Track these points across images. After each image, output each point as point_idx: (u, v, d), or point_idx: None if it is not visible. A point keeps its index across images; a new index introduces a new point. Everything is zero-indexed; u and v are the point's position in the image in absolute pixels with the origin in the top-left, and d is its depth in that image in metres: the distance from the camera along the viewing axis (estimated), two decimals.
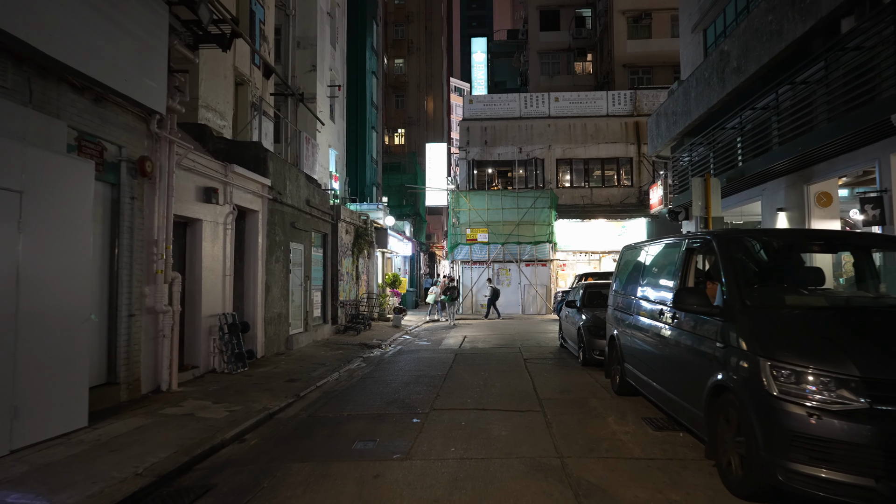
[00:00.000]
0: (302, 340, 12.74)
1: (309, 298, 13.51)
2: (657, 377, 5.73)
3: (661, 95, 26.11)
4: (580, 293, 11.40)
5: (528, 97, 26.81)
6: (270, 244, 11.26)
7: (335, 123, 25.86)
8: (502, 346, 13.20)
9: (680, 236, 5.91)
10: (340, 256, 16.48)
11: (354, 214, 18.05)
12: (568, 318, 11.53)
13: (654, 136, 15.77)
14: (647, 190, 25.02)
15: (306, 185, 13.58)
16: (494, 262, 24.84)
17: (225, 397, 7.37)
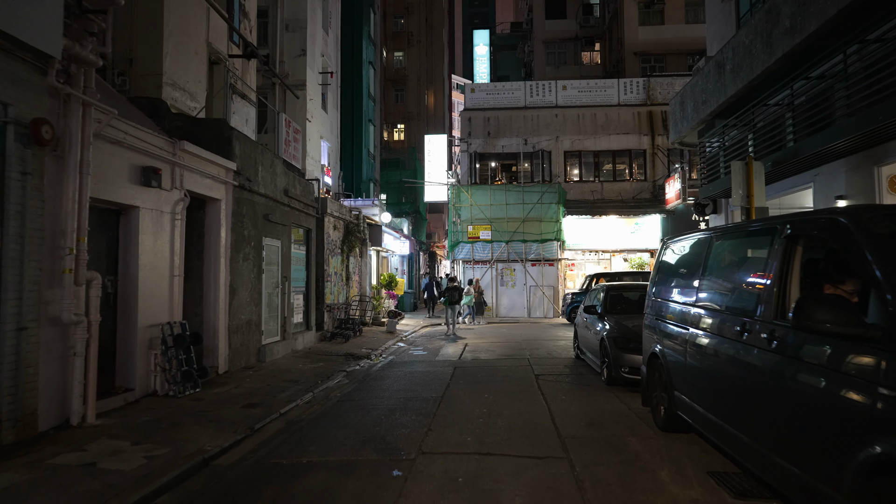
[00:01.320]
0: (278, 351, 11.06)
1: (288, 302, 11.83)
2: (736, 419, 4.04)
3: (677, 83, 24.39)
4: (601, 296, 9.70)
5: (533, 85, 25.10)
6: (237, 239, 9.59)
7: (328, 114, 24.21)
8: (508, 357, 11.50)
9: (775, 219, 4.20)
10: (327, 255, 14.81)
11: (344, 209, 16.38)
12: (587, 327, 9.82)
13: (678, 119, 14.09)
14: (662, 184, 23.33)
15: (285, 173, 11.91)
16: (498, 262, 23.15)
17: (153, 433, 5.69)
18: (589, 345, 9.57)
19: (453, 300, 16.28)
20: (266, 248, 10.86)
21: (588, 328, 9.70)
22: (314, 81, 22.34)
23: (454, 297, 16.21)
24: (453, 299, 16.25)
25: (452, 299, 16.27)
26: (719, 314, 4.47)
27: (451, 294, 16.31)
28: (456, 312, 16.57)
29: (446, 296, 16.40)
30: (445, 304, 16.50)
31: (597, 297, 10.21)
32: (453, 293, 16.26)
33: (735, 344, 4.07)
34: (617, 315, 8.95)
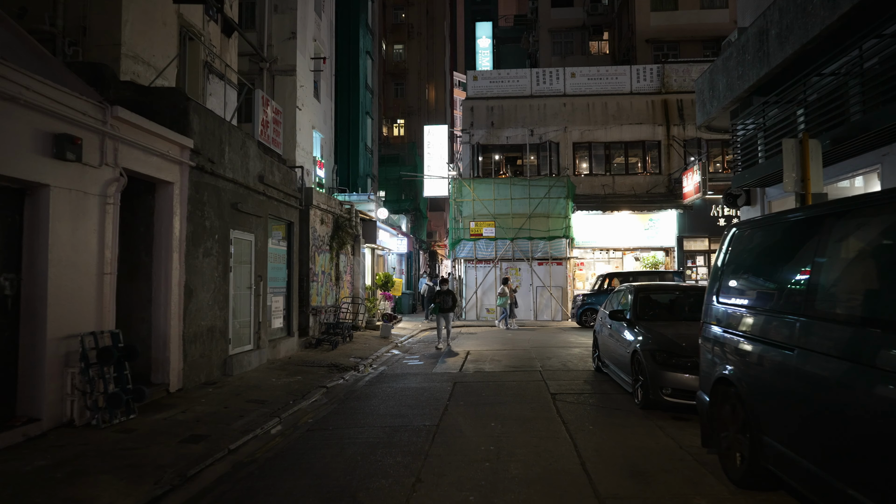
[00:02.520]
0: (249, 362, 9.52)
1: (263, 305, 10.30)
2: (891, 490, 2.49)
3: (694, 70, 22.84)
4: (629, 299, 8.13)
5: (540, 73, 23.54)
6: (196, 231, 8.06)
7: (320, 103, 22.71)
8: (517, 369, 9.94)
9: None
10: (313, 252, 13.28)
11: (333, 201, 14.84)
12: (611, 335, 8.26)
13: (706, 99, 12.54)
14: (678, 177, 21.76)
15: (260, 157, 10.37)
16: (502, 261, 21.59)
17: (35, 490, 4.15)
18: (615, 357, 8.01)
19: (445, 307, 12.85)
20: (235, 242, 9.32)
21: (613, 337, 8.14)
22: (305, 67, 20.83)
23: (447, 304, 12.86)
24: (445, 306, 12.85)
25: (445, 306, 12.85)
26: (855, 329, 2.92)
27: (444, 299, 12.90)
28: (450, 322, 13.23)
29: (437, 302, 13.05)
30: (435, 312, 13.11)
31: (620, 299, 8.65)
32: (446, 298, 12.88)
33: (891, 377, 2.52)
34: (650, 322, 7.40)
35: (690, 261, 21.91)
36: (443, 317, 13.08)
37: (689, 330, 6.82)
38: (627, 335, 7.41)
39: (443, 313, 13.00)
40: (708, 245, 21.80)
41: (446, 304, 12.91)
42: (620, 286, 9.43)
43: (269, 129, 11.38)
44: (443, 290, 13.15)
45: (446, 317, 13.14)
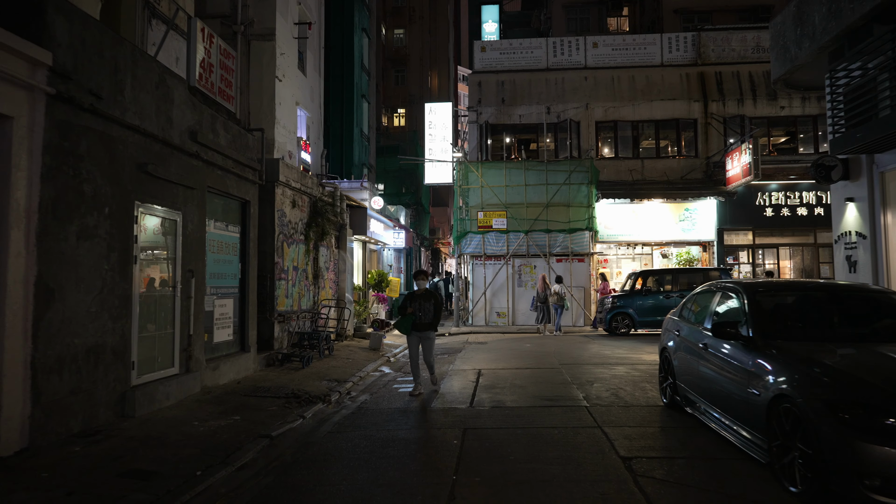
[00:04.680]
0: (168, 394, 6.62)
1: (197, 311, 7.42)
2: None
3: (734, 39, 19.91)
4: (743, 304, 5.11)
5: (558, 42, 20.59)
6: (64, 198, 5.18)
7: (306, 76, 19.82)
8: (551, 401, 7.00)
9: None
10: (281, 242, 10.40)
11: (309, 180, 11.97)
12: (705, 358, 5.29)
13: (790, 41, 9.62)
14: (718, 160, 18.80)
15: (193, 106, 7.49)
16: (515, 257, 18.67)
17: None
18: (718, 395, 5.06)
19: (424, 322, 7.78)
20: (145, 220, 6.44)
21: (709, 362, 5.19)
22: (287, 33, 17.94)
23: (426, 316, 7.76)
24: (424, 319, 7.77)
25: (423, 319, 7.77)
26: None
27: (422, 308, 7.77)
28: (433, 347, 7.95)
29: (409, 312, 7.81)
30: (404, 329, 7.83)
31: (717, 304, 5.68)
32: (424, 306, 7.77)
33: None
34: (793, 343, 4.46)
35: (731, 257, 18.95)
36: (421, 339, 7.81)
37: (874, 358, 3.91)
38: (750, 364, 4.47)
39: (419, 332, 7.78)
40: (752, 239, 18.84)
41: (425, 317, 7.73)
42: (704, 285, 6.48)
43: (215, 76, 8.49)
44: (419, 291, 7.91)
45: (426, 339, 7.80)
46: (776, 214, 18.47)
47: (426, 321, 7.81)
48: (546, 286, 16.21)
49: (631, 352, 11.73)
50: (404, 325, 7.79)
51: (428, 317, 7.81)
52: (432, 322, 7.85)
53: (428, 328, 7.85)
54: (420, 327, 7.82)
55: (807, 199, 18.41)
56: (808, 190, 18.37)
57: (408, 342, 8.18)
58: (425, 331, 7.86)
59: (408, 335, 7.94)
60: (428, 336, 7.90)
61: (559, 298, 16.02)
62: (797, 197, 18.44)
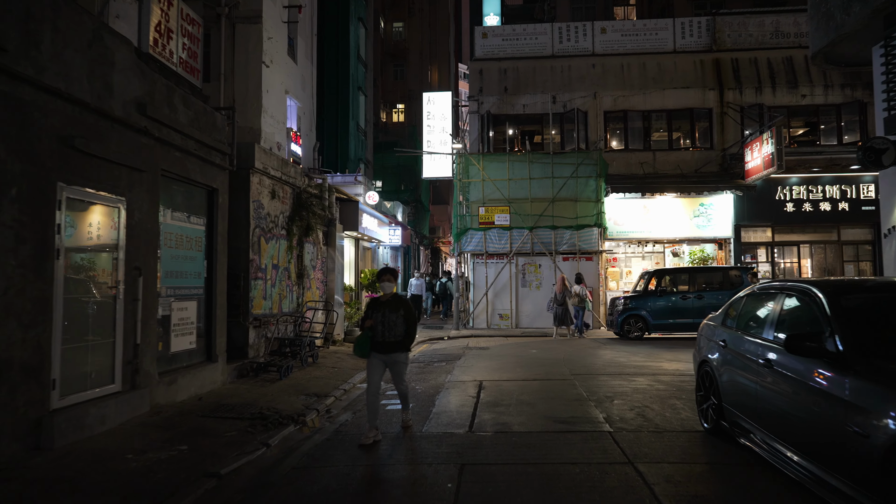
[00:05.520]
0: (103, 417, 5.47)
1: (146, 317, 6.27)
2: None
3: (752, 23, 18.72)
4: (824, 307, 3.88)
5: (563, 28, 19.42)
6: None
7: (297, 64, 18.70)
8: (567, 427, 5.82)
9: None
10: (258, 236, 9.25)
11: (291, 168, 10.81)
12: (781, 385, 4.06)
13: (837, 6, 8.37)
14: (736, 152, 17.62)
15: (142, 73, 6.34)
16: (518, 255, 17.51)
17: None
18: (792, 429, 3.88)
19: (389, 341, 5.59)
20: (73, 206, 5.29)
21: (779, 386, 4.02)
22: (276, 16, 16.80)
23: (393, 332, 5.58)
24: (390, 337, 5.59)
25: (388, 337, 5.59)
26: None
27: (387, 320, 5.61)
28: (404, 373, 5.80)
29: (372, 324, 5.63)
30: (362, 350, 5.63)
31: (781, 309, 4.51)
32: (391, 318, 5.60)
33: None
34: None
35: (749, 255, 17.77)
36: (387, 365, 5.69)
37: None
38: (846, 392, 3.30)
39: (383, 354, 5.62)
40: (771, 236, 17.67)
41: (392, 333, 5.56)
42: (754, 286, 5.30)
43: (175, 44, 7.34)
44: (384, 297, 5.73)
45: (394, 365, 5.68)
46: (797, 210, 17.29)
47: (393, 338, 5.55)
48: (566, 287, 15.07)
49: (649, 359, 10.57)
50: (361, 346, 5.58)
51: (396, 332, 5.55)
52: (402, 340, 5.61)
53: (396, 348, 5.59)
54: (385, 347, 5.55)
55: (830, 194, 17.23)
56: (832, 184, 17.20)
57: (368, 369, 5.65)
58: (392, 352, 5.58)
59: (368, 359, 5.62)
60: (396, 360, 5.64)
61: (580, 300, 14.88)
62: (820, 191, 17.26)
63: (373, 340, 5.59)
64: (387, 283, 5.80)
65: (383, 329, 5.57)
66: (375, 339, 5.58)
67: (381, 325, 5.58)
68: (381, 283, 5.80)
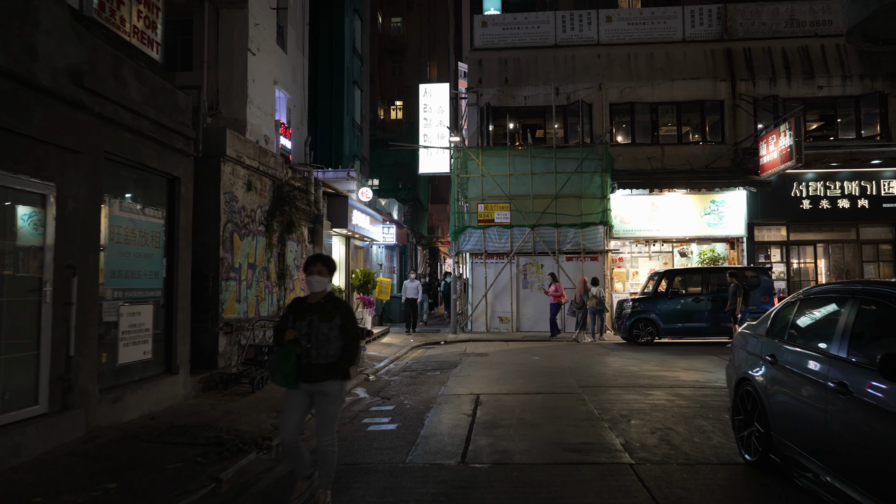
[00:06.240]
0: (19, 446, 4.53)
1: (80, 324, 5.33)
2: None
3: (764, 10, 17.79)
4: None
5: (566, 16, 18.49)
6: None
7: (287, 54, 17.80)
8: (580, 457, 4.86)
9: None
10: (230, 232, 8.32)
11: (270, 158, 9.86)
12: (871, 420, 3.13)
13: None
14: (749, 146, 16.69)
15: (79, 38, 5.41)
16: (520, 255, 16.57)
17: None
18: (881, 479, 2.96)
19: (318, 364, 3.76)
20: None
21: (864, 421, 3.09)
22: (263, 1, 15.91)
23: (322, 350, 3.76)
24: (319, 358, 3.76)
25: (316, 358, 3.76)
26: None
27: (316, 332, 3.77)
28: (335, 416, 3.83)
29: (290, 344, 3.78)
30: (282, 376, 3.75)
31: (854, 320, 3.57)
32: (320, 329, 3.78)
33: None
34: None
35: (762, 255, 16.84)
36: (313, 397, 3.85)
37: None
38: None
39: (310, 383, 3.79)
40: (786, 235, 16.73)
41: (321, 351, 3.77)
42: (809, 290, 4.37)
43: (128, 11, 6.40)
44: (314, 298, 3.90)
45: (322, 399, 3.82)
46: (814, 207, 16.36)
47: (323, 359, 3.74)
48: (586, 290, 14.20)
49: (663, 368, 9.62)
50: (283, 368, 3.71)
51: (327, 351, 3.75)
52: (337, 363, 3.77)
53: (327, 374, 3.74)
54: (310, 373, 3.74)
55: (849, 190, 16.29)
56: (850, 179, 16.26)
57: (285, 402, 3.85)
58: (321, 380, 3.74)
59: (288, 387, 3.79)
60: (325, 392, 3.77)
61: (598, 302, 14.00)
62: (837, 187, 16.32)
63: (304, 368, 3.77)
64: (317, 278, 3.86)
65: (309, 345, 3.75)
66: (304, 361, 3.77)
67: (305, 339, 3.76)
68: (310, 277, 3.88)
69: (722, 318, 13.18)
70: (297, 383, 3.80)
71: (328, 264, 3.99)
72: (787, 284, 16.47)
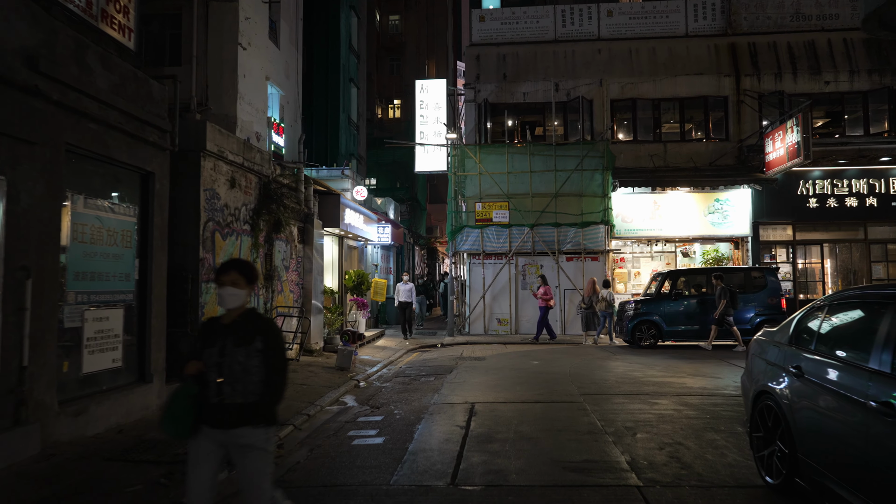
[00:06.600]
0: None
1: (36, 331, 4.89)
2: None
3: (769, 4, 17.35)
4: None
5: (566, 10, 18.04)
6: None
7: (280, 49, 17.37)
8: (582, 478, 4.39)
9: None
10: (211, 231, 7.87)
11: (256, 154, 9.40)
12: None
13: None
14: (753, 144, 16.25)
15: (28, 15, 4.96)
16: (518, 255, 16.12)
17: None
18: None
19: (233, 404, 2.77)
20: None
21: None
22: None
23: (237, 387, 2.77)
24: (232, 396, 2.77)
25: (230, 396, 2.78)
26: None
27: (230, 361, 2.79)
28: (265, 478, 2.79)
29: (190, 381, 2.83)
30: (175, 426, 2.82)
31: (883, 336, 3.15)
32: (234, 356, 2.79)
33: None
34: None
35: (768, 255, 16.39)
36: (230, 452, 2.85)
37: None
38: None
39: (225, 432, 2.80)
40: (792, 234, 16.27)
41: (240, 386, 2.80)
42: (842, 293, 3.92)
43: None
44: (229, 318, 2.94)
45: (241, 455, 2.80)
46: (821, 206, 15.91)
47: (240, 398, 2.79)
48: (595, 291, 13.77)
49: (668, 374, 9.17)
50: (175, 414, 2.81)
51: (245, 386, 2.80)
52: (259, 402, 2.80)
53: (244, 417, 2.78)
54: (223, 417, 2.79)
55: (857, 188, 15.85)
56: (859, 177, 15.82)
57: (188, 461, 2.85)
58: (235, 425, 2.78)
59: (183, 438, 2.84)
60: (244, 444, 2.80)
61: (607, 305, 13.57)
62: (845, 185, 15.87)
63: (200, 403, 2.81)
64: (230, 290, 2.87)
65: (220, 379, 2.77)
66: (207, 399, 2.79)
67: (215, 372, 2.78)
68: (221, 290, 2.88)
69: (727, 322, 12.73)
70: (200, 431, 2.78)
71: (245, 271, 2.96)
72: (794, 285, 16.03)
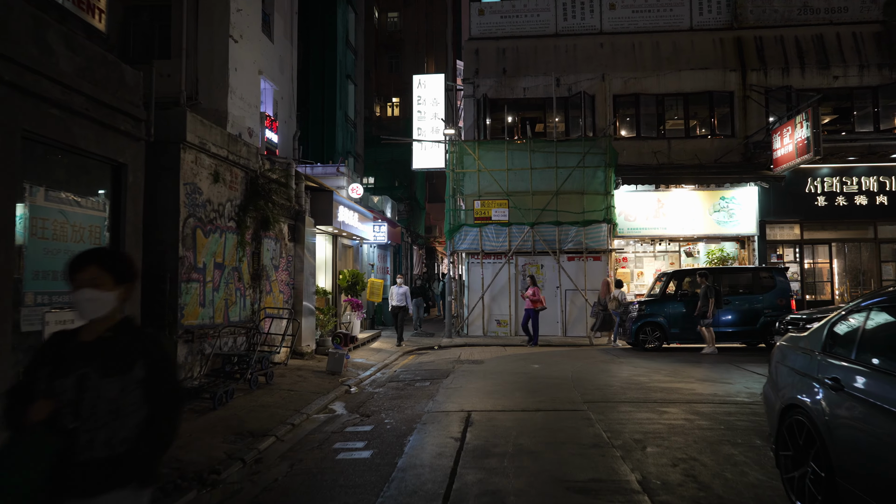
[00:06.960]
0: None
1: None
2: None
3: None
4: None
5: (568, 3, 17.53)
6: None
7: (273, 43, 16.92)
8: (589, 501, 3.98)
9: None
10: (192, 227, 7.41)
11: (242, 147, 8.93)
12: None
13: None
14: (760, 140, 15.79)
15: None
16: (518, 254, 15.65)
17: None
18: None
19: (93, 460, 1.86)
20: None
21: None
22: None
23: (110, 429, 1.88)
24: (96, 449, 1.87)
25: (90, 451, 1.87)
26: None
27: (97, 395, 1.88)
28: None
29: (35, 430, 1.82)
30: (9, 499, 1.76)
31: None
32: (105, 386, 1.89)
33: None
34: None
35: (775, 255, 15.93)
36: None
37: None
38: None
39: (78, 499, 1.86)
40: (800, 233, 15.83)
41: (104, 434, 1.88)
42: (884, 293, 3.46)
43: None
44: (89, 331, 1.98)
45: None
46: (829, 204, 15.46)
47: (104, 451, 1.89)
48: (608, 291, 13.35)
49: (675, 378, 8.71)
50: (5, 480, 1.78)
51: (114, 432, 1.90)
52: (129, 454, 1.90)
53: (109, 478, 1.87)
54: (79, 479, 1.87)
55: (866, 186, 15.40)
56: (868, 175, 15.38)
57: None
58: (96, 492, 1.87)
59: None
60: None
61: (618, 305, 13.14)
62: (854, 183, 15.43)
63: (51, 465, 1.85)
64: (88, 293, 1.95)
65: (75, 425, 1.89)
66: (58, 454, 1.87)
67: (70, 415, 1.89)
68: (76, 294, 1.96)
69: (735, 322, 12.30)
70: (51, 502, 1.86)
71: (112, 265, 2.03)
72: (801, 285, 15.58)
